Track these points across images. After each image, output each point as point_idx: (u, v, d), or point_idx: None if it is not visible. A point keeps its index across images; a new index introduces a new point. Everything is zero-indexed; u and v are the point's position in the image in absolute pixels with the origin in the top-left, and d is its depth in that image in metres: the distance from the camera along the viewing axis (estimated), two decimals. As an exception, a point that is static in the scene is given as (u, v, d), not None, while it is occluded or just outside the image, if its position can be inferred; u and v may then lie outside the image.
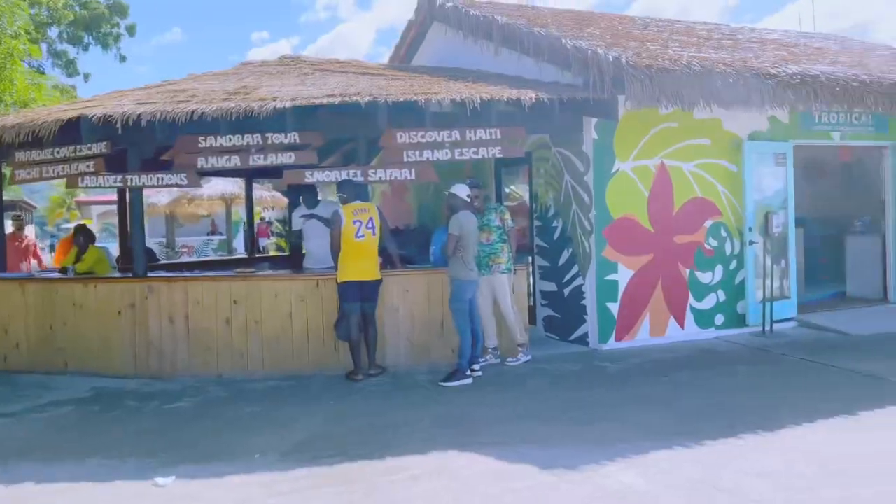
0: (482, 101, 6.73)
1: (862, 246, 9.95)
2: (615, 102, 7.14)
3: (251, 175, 11.60)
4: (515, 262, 7.12)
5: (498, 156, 7.42)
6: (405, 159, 7.02)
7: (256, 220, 21.58)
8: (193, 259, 19.49)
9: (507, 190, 9.79)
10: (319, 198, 8.11)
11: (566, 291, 8.06)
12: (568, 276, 8.03)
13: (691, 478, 3.98)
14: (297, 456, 4.58)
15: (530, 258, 8.38)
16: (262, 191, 20.64)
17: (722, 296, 8.19)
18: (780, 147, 8.43)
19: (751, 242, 8.16)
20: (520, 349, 7.01)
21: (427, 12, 10.92)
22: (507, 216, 7.02)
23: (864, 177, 10.87)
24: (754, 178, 8.25)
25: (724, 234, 8.20)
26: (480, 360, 6.85)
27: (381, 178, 7.18)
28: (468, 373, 6.39)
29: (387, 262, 6.96)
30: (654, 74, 6.75)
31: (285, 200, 15.92)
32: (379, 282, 6.62)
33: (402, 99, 6.66)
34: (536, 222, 8.61)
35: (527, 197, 9.03)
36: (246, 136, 6.94)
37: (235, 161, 7.07)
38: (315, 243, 7.57)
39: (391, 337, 6.96)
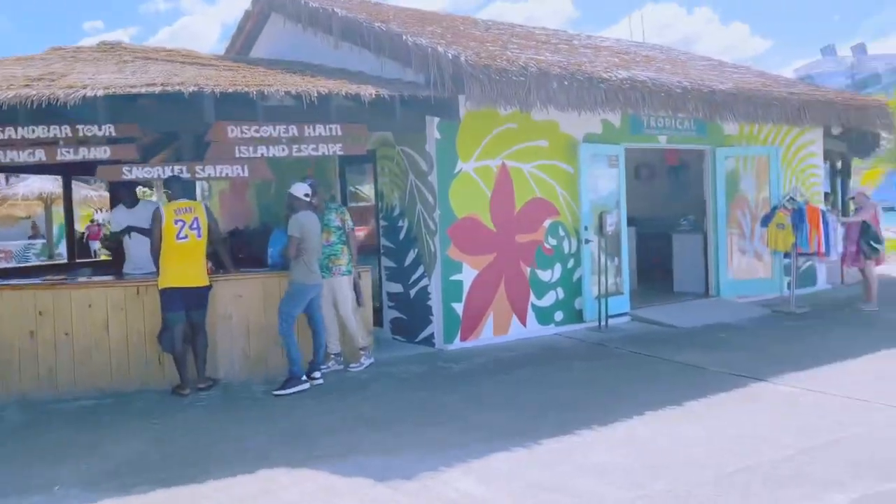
0: (320, 96, 6.43)
1: (687, 243, 10.67)
2: (456, 102, 7.11)
3: (68, 172, 10.50)
4: (361, 263, 6.89)
5: (339, 153, 7.16)
6: (237, 155, 6.56)
7: (87, 222, 19.78)
8: (12, 265, 17.47)
9: (352, 189, 9.53)
10: (144, 197, 7.41)
11: (412, 292, 7.93)
12: (414, 277, 7.90)
13: (529, 481, 3.94)
14: (105, 485, 4.06)
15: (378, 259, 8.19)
16: (89, 190, 18.94)
17: (561, 293, 8.42)
18: (613, 149, 8.82)
19: (587, 241, 8.46)
20: (362, 353, 6.78)
21: (265, 2, 10.42)
22: (348, 216, 6.77)
23: (689, 178, 11.72)
24: (589, 179, 8.57)
25: (562, 233, 8.44)
26: (322, 367, 6.54)
27: (210, 174, 6.67)
28: (304, 379, 6.07)
29: (218, 265, 6.48)
30: (492, 74, 6.78)
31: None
32: (207, 288, 6.12)
33: (231, 90, 6.19)
34: (382, 222, 8.43)
35: (373, 197, 8.82)
36: (52, 127, 6.19)
37: (41, 155, 6.29)
38: (135, 246, 6.90)
39: (223, 347, 6.47)
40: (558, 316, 8.41)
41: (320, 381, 6.27)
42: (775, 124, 9.64)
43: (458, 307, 7.61)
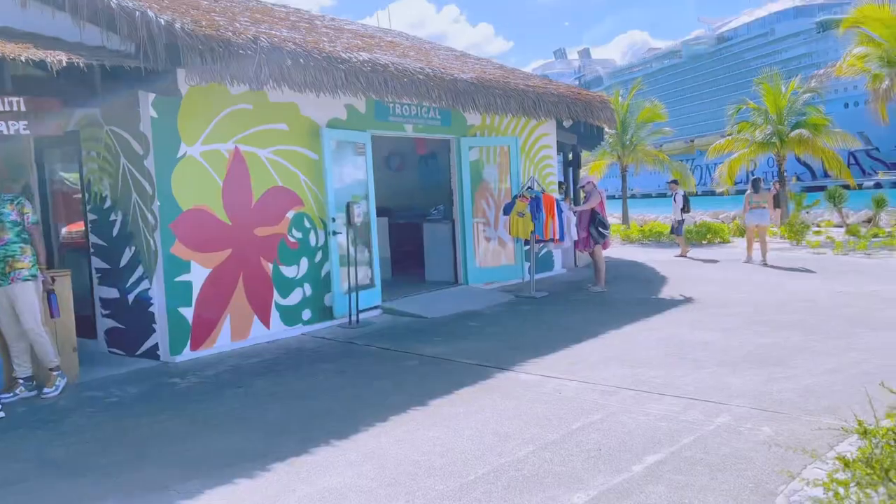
0: (-13, 60, 5.11)
1: (437, 232, 10.68)
2: (173, 75, 6.16)
3: None
4: (70, 263, 5.66)
5: (24, 133, 5.82)
6: None
7: None
8: None
9: (59, 177, 8.00)
10: None
11: (131, 298, 6.81)
12: (132, 280, 6.79)
13: (249, 520, 3.31)
14: None
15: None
16: None
17: (308, 290, 7.84)
18: (359, 136, 8.41)
19: (334, 233, 7.96)
20: (54, 374, 5.58)
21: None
22: (29, 209, 5.51)
23: (439, 168, 11.75)
24: (335, 167, 8.07)
25: (307, 224, 7.85)
26: (4, 396, 5.28)
27: None
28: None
29: None
30: (214, 46, 5.95)
31: None
32: None
33: None
34: (91, 216, 7.14)
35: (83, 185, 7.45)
36: None
37: None
38: None
39: None
40: (306, 314, 7.82)
41: (1, 415, 5.03)
42: (514, 115, 9.95)
43: (188, 312, 6.67)
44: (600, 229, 9.75)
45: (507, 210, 9.78)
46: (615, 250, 14.78)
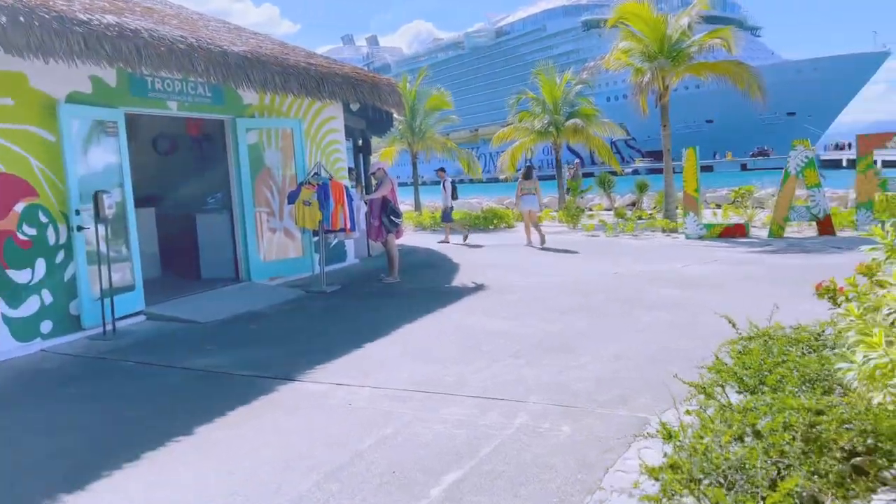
0: None
1: (213, 224, 9.63)
2: None
3: None
4: None
5: None
6: None
7: None
8: None
9: None
10: None
11: None
12: None
13: None
14: None
15: None
16: None
17: (48, 297, 6.53)
18: (109, 114, 7.16)
19: (79, 228, 6.70)
20: None
21: None
22: None
23: (216, 152, 10.58)
24: (79, 151, 6.79)
25: (44, 219, 6.52)
26: None
27: None
28: None
29: None
30: None
31: None
32: None
33: None
34: None
35: None
36: None
37: None
38: None
39: None
40: (46, 326, 6.52)
41: None
42: (297, 95, 9.16)
43: None
44: (392, 218, 9.36)
45: (292, 198, 9.03)
46: (408, 238, 14.60)
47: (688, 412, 3.02)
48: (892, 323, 2.23)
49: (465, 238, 14.10)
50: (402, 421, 4.16)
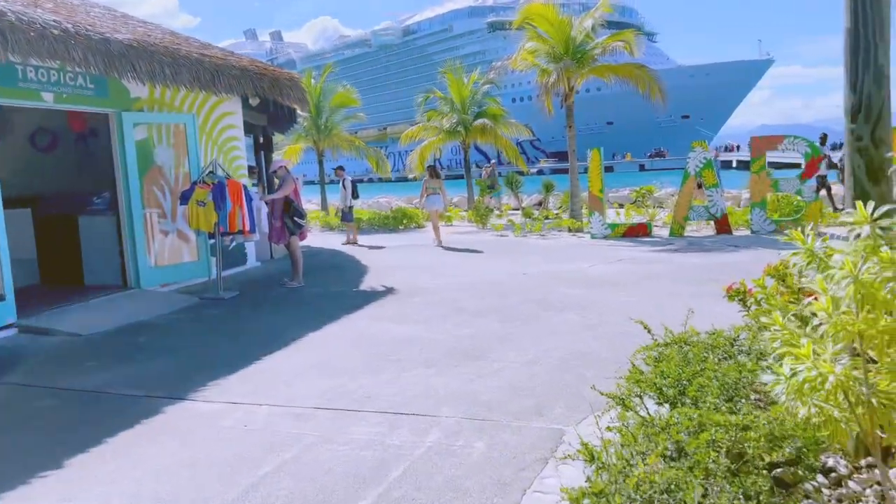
0: None
1: (98, 226, 8.89)
2: None
3: None
4: None
5: None
6: None
7: None
8: None
9: None
10: None
11: None
12: None
13: None
14: None
15: None
16: None
17: None
18: (-30, 105, 6.42)
19: (-66, 234, 5.95)
20: None
21: None
22: None
23: (102, 149, 9.77)
24: (-67, 145, 6.03)
25: None
26: None
27: None
28: None
29: None
30: None
31: None
32: None
33: None
34: None
35: None
36: None
37: None
38: None
39: None
40: None
41: None
42: (189, 88, 8.55)
43: None
44: (296, 219, 8.91)
45: (185, 198, 8.42)
46: (315, 238, 14.12)
47: (609, 429, 2.85)
48: (822, 335, 2.12)
49: (353, 240, 13.81)
50: (304, 443, 3.82)
